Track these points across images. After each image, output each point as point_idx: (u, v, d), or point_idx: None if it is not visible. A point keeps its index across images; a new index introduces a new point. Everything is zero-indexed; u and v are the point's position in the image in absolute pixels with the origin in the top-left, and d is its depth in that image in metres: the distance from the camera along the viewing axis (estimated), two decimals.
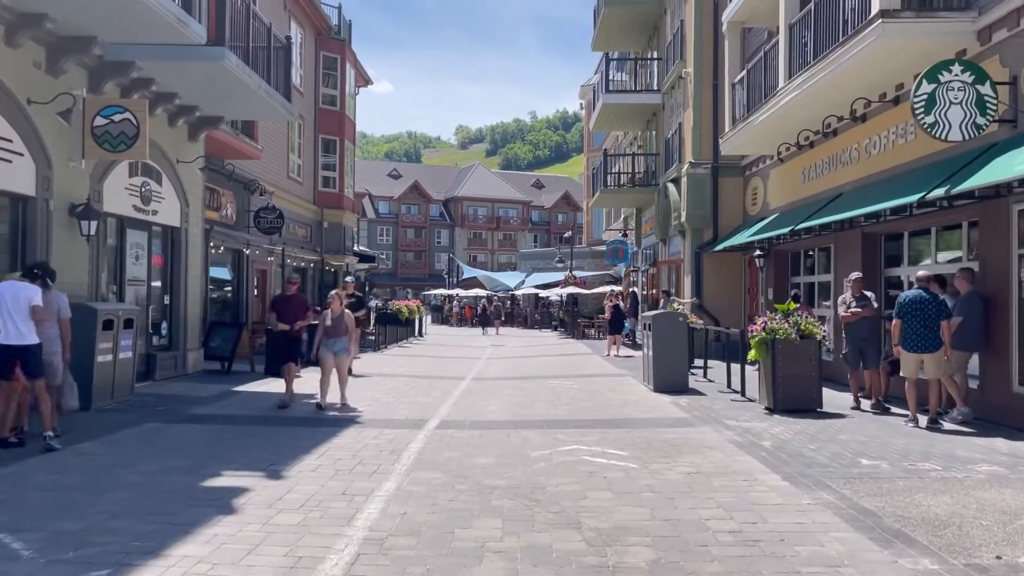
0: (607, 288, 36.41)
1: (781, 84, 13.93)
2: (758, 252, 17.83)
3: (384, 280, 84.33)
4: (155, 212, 12.95)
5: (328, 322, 10.59)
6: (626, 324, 22.90)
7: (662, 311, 13.89)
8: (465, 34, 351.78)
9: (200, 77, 11.72)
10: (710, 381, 14.50)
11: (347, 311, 10.87)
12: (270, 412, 10.74)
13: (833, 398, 11.35)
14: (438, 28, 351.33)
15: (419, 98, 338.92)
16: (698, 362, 15.28)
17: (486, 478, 6.92)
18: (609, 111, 25.91)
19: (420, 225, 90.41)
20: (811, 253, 16.79)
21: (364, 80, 33.21)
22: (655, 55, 26.04)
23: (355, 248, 33.46)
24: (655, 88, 25.25)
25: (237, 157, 18.43)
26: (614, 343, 21.57)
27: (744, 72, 16.52)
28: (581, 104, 52.77)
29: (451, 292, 52.23)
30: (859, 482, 6.70)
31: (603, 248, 39.38)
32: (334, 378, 10.89)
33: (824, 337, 10.88)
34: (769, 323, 10.67)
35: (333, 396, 10.95)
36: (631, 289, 29.50)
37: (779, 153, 16.26)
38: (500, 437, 8.98)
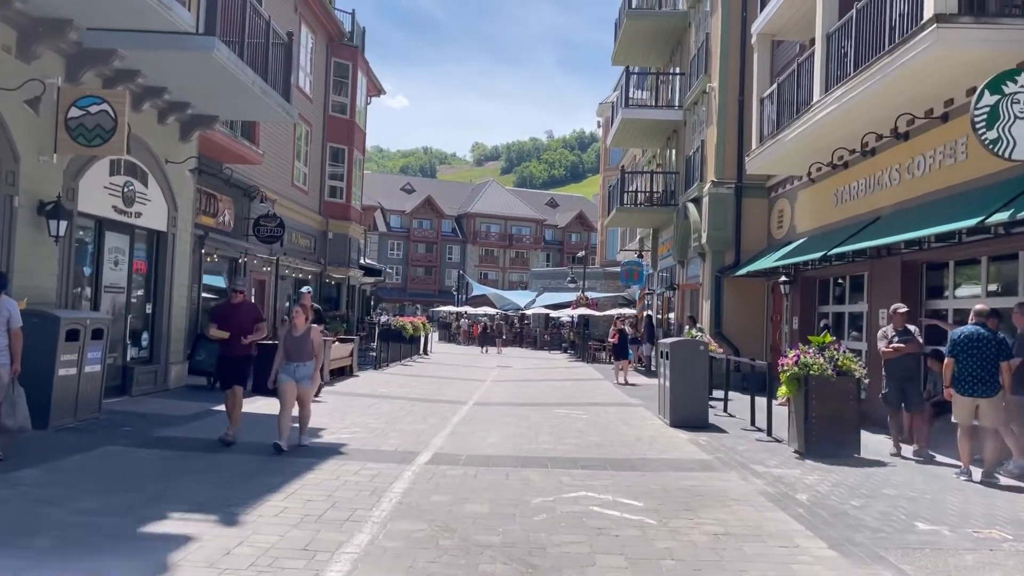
0: (619, 311, 35.39)
1: (816, 98, 12.93)
2: (783, 278, 16.76)
3: (393, 295, 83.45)
4: (138, 215, 12.04)
5: (290, 342, 8.73)
6: (630, 351, 21.76)
7: (681, 338, 12.83)
8: (483, 52, 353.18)
9: (189, 70, 10.84)
10: (730, 416, 13.41)
11: (316, 327, 9.06)
12: (248, 437, 9.73)
13: (869, 441, 10.22)
14: (456, 45, 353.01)
15: (435, 114, 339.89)
16: (717, 393, 14.19)
17: (477, 532, 5.89)
18: (628, 127, 24.96)
19: (432, 240, 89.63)
20: (841, 281, 15.71)
21: (377, 90, 32.47)
22: (677, 71, 25.11)
23: (361, 261, 32.56)
24: (676, 104, 24.30)
25: (236, 161, 17.56)
26: (622, 369, 20.46)
27: (774, 86, 15.53)
28: (598, 122, 51.87)
29: (460, 309, 51.23)
30: (920, 554, 5.62)
31: (617, 269, 38.34)
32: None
33: (863, 374, 9.79)
34: (802, 357, 9.59)
35: (329, 416, 9.97)
36: (645, 313, 28.43)
37: (810, 173, 15.21)
38: (498, 477, 7.93)
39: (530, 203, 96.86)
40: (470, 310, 49.46)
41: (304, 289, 12.23)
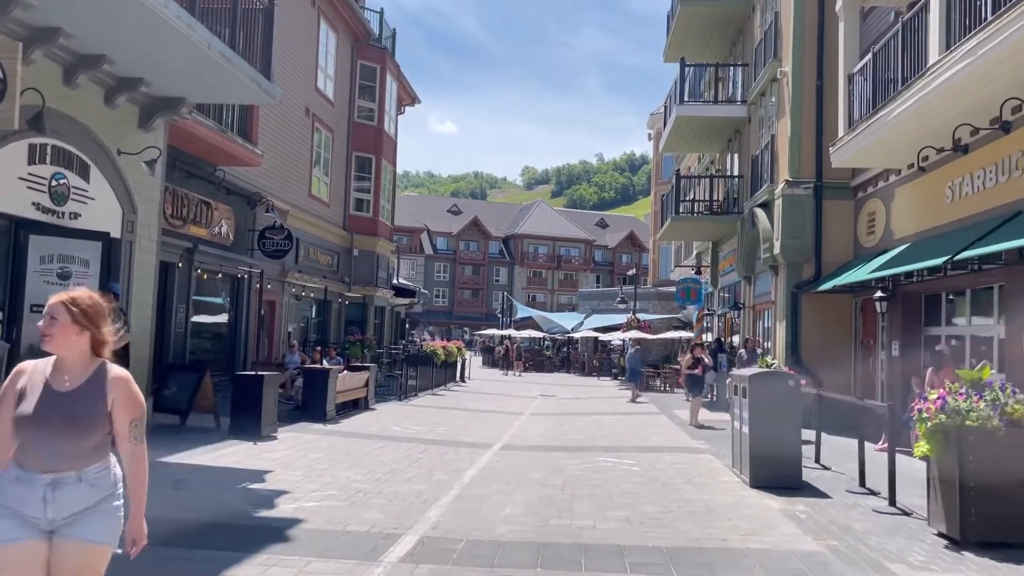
0: (675, 334, 32.33)
1: (933, 59, 10.04)
2: (879, 294, 13.72)
3: (440, 318, 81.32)
4: (75, 215, 9.67)
5: (42, 408, 3.01)
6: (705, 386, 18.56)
7: (764, 370, 9.94)
8: (530, 78, 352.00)
9: (121, 24, 8.46)
10: (824, 468, 10.46)
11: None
12: (193, 504, 7.17)
13: None
14: (503, 71, 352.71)
15: (484, 140, 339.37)
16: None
17: None
18: (684, 127, 22.12)
19: (478, 262, 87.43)
20: (954, 296, 12.67)
21: (410, 98, 30.27)
22: (739, 63, 22.25)
23: (394, 281, 30.20)
24: (739, 99, 21.42)
25: (230, 162, 15.29)
26: (695, 409, 16.33)
27: (868, 57, 12.64)
28: (649, 135, 49.01)
29: (504, 332, 48.58)
30: None
31: (670, 289, 35.32)
32: None
33: None
34: (951, 400, 6.67)
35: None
36: (709, 336, 25.40)
37: (920, 161, 12.21)
38: None
39: (579, 223, 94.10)
40: (514, 333, 46.76)
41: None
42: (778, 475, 9.03)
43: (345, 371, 15.84)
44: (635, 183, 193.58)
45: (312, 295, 21.81)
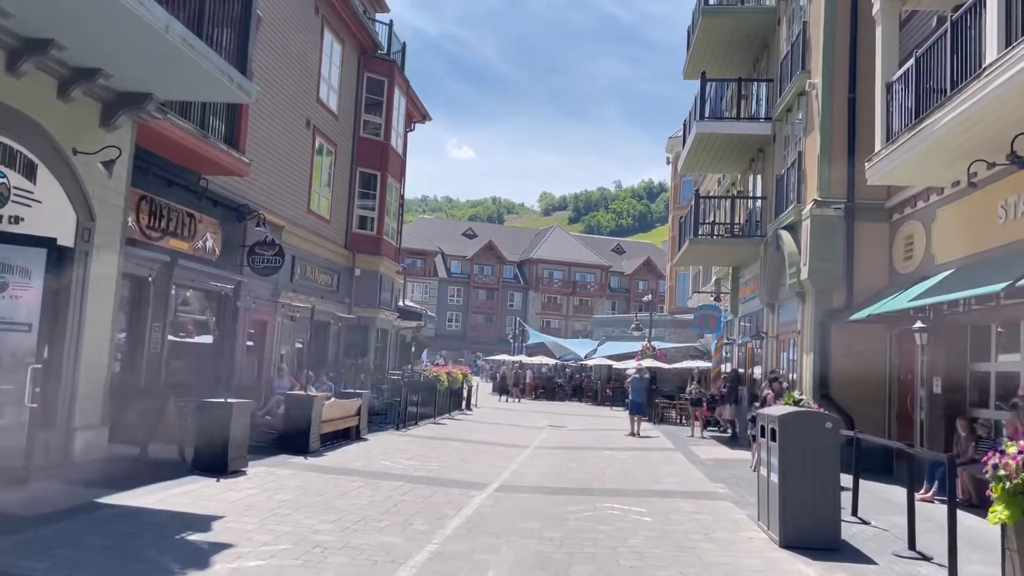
0: (692, 363, 30.95)
1: (991, 58, 8.82)
2: (919, 324, 12.39)
3: (452, 343, 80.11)
4: (16, 219, 8.60)
5: None
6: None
7: (796, 409, 8.64)
8: (548, 105, 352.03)
9: (69, 3, 7.43)
10: (863, 522, 9.13)
11: None
12: (102, 562, 5.97)
13: None
14: (521, 99, 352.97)
15: (502, 166, 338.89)
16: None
17: None
18: (704, 145, 20.94)
19: (492, 286, 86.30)
20: (1004, 329, 11.35)
21: (420, 114, 29.29)
22: (764, 78, 21.10)
23: (399, 303, 29.06)
24: (763, 116, 20.24)
25: (213, 170, 14.24)
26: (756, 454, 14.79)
27: (911, 62, 11.41)
28: (668, 158, 47.88)
29: (515, 358, 47.26)
30: None
31: (687, 317, 34.01)
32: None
33: None
34: None
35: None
36: (728, 367, 24.05)
37: (969, 176, 10.93)
38: None
39: (595, 249, 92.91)
40: (526, 359, 45.45)
41: None
42: (813, 533, 7.72)
43: (333, 399, 14.66)
44: (653, 210, 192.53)
45: (309, 316, 20.65)
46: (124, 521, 7.35)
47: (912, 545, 7.68)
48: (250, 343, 17.79)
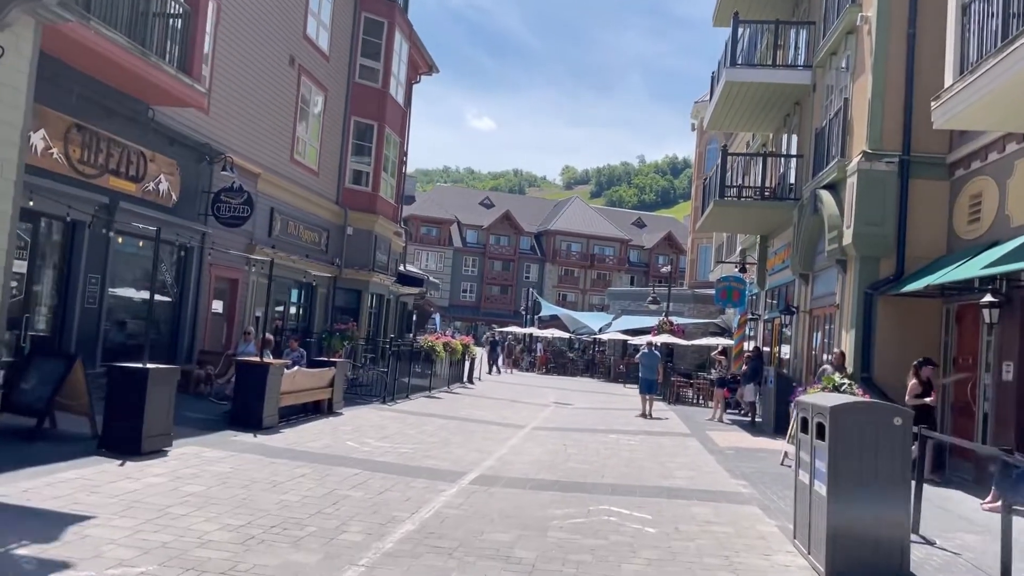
0: (712, 340, 28.88)
1: None
2: (988, 298, 10.31)
3: (467, 314, 78.41)
4: None
5: None
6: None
7: (855, 399, 6.64)
8: (571, 78, 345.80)
9: None
10: (926, 542, 7.18)
11: None
12: None
13: None
14: (544, 71, 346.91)
15: (524, 138, 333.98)
16: None
17: None
18: (734, 96, 18.71)
19: (509, 257, 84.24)
20: None
21: (427, 65, 27.19)
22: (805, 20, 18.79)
23: (399, 267, 27.19)
24: (802, 64, 17.98)
25: (167, 102, 12.34)
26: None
27: None
28: (693, 124, 45.39)
29: (527, 331, 45.36)
30: None
31: (708, 291, 31.87)
32: None
33: None
34: None
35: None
36: (752, 344, 21.99)
37: None
38: None
39: (615, 222, 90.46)
40: (537, 332, 43.55)
41: None
42: (872, 562, 5.77)
43: (297, 368, 12.82)
44: (676, 187, 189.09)
45: (292, 277, 18.82)
46: (22, 523, 5.54)
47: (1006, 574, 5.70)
48: (219, 303, 15.99)
